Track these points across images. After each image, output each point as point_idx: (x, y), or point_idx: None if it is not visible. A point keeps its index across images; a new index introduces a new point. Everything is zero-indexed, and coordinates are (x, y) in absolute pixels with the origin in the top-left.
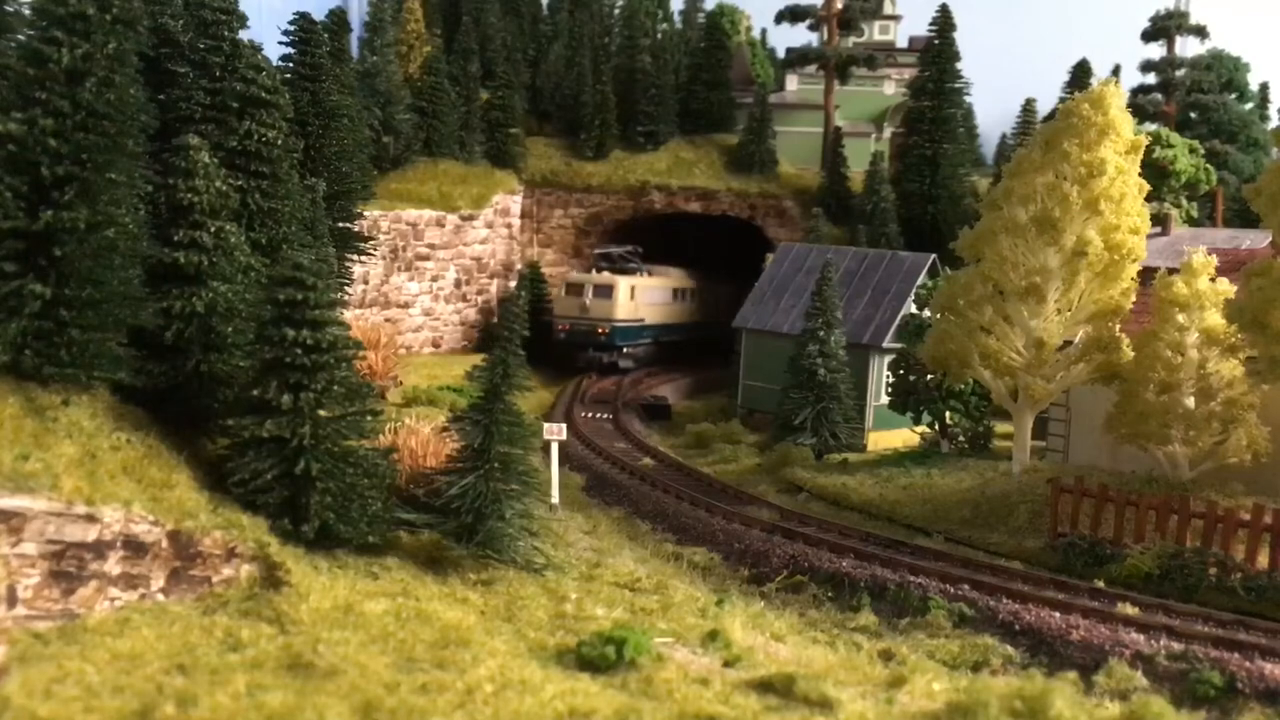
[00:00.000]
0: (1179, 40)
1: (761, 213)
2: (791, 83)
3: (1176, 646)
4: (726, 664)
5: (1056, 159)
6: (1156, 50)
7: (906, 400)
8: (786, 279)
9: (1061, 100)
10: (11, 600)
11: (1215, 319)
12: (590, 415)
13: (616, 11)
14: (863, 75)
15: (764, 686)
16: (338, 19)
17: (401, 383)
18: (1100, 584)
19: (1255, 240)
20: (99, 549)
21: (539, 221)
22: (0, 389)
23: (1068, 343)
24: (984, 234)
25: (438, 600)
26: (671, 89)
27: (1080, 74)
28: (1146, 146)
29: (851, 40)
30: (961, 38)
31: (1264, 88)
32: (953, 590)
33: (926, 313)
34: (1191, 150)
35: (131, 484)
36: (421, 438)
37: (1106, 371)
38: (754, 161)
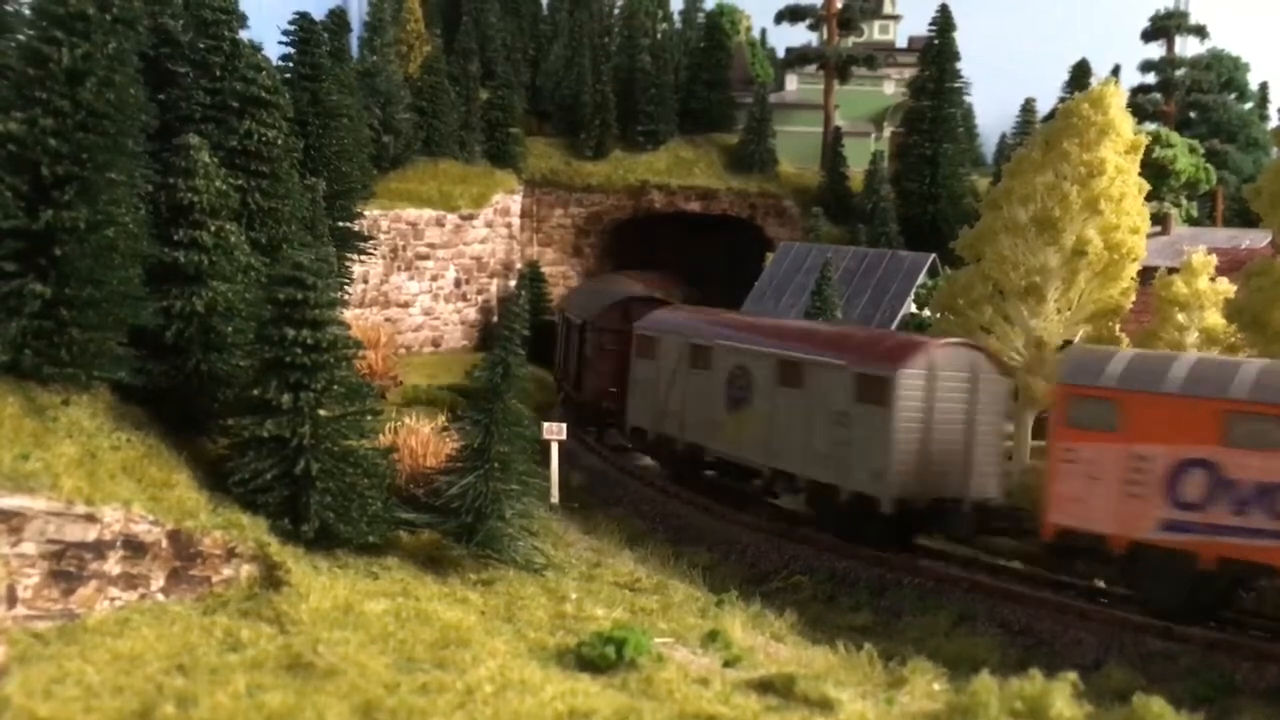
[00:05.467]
0: (1179, 40)
1: (761, 212)
2: (791, 82)
3: None
4: (726, 664)
5: (1056, 159)
6: (1156, 50)
7: None
8: (786, 278)
9: (1061, 100)
10: (11, 600)
11: (1215, 319)
12: None
13: (616, 11)
14: (862, 75)
15: (764, 686)
16: (338, 19)
17: (401, 383)
18: (1101, 584)
19: (1255, 240)
20: (99, 549)
21: (539, 221)
22: (0, 389)
23: (1068, 342)
24: (984, 233)
25: (438, 600)
26: (671, 89)
27: (1080, 74)
28: (1146, 146)
29: (851, 40)
30: (961, 38)
31: (1264, 87)
32: (953, 591)
33: (926, 312)
34: (1191, 150)
35: (131, 484)
36: (421, 438)
37: None
38: (754, 161)
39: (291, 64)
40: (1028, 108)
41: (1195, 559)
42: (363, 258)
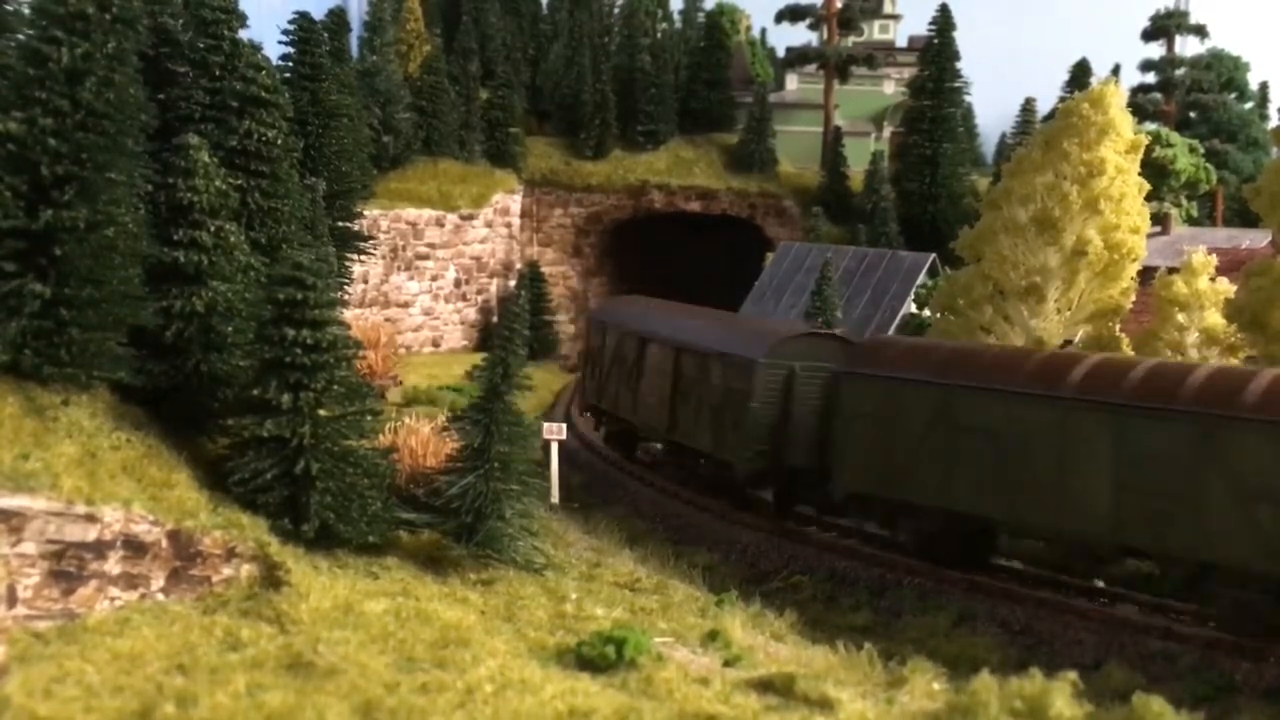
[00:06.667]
0: (1179, 40)
1: (761, 212)
2: (791, 82)
3: None
4: (726, 663)
5: (1056, 158)
6: (1156, 50)
7: None
8: (787, 278)
9: (1061, 100)
10: (11, 600)
11: (1215, 319)
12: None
13: (616, 11)
14: (862, 74)
15: (764, 686)
16: (337, 19)
17: (401, 382)
18: (1100, 583)
19: (1255, 240)
20: (99, 549)
21: (539, 221)
22: (0, 389)
23: (1068, 342)
24: (984, 233)
25: (438, 600)
26: (671, 89)
27: (1080, 74)
28: (1146, 146)
29: (851, 39)
30: (961, 37)
31: (1264, 87)
32: (952, 591)
33: (926, 312)
34: (1191, 150)
35: (131, 483)
36: (421, 437)
37: None
38: (754, 161)
39: (291, 64)
40: (1028, 108)
41: None
42: (363, 258)
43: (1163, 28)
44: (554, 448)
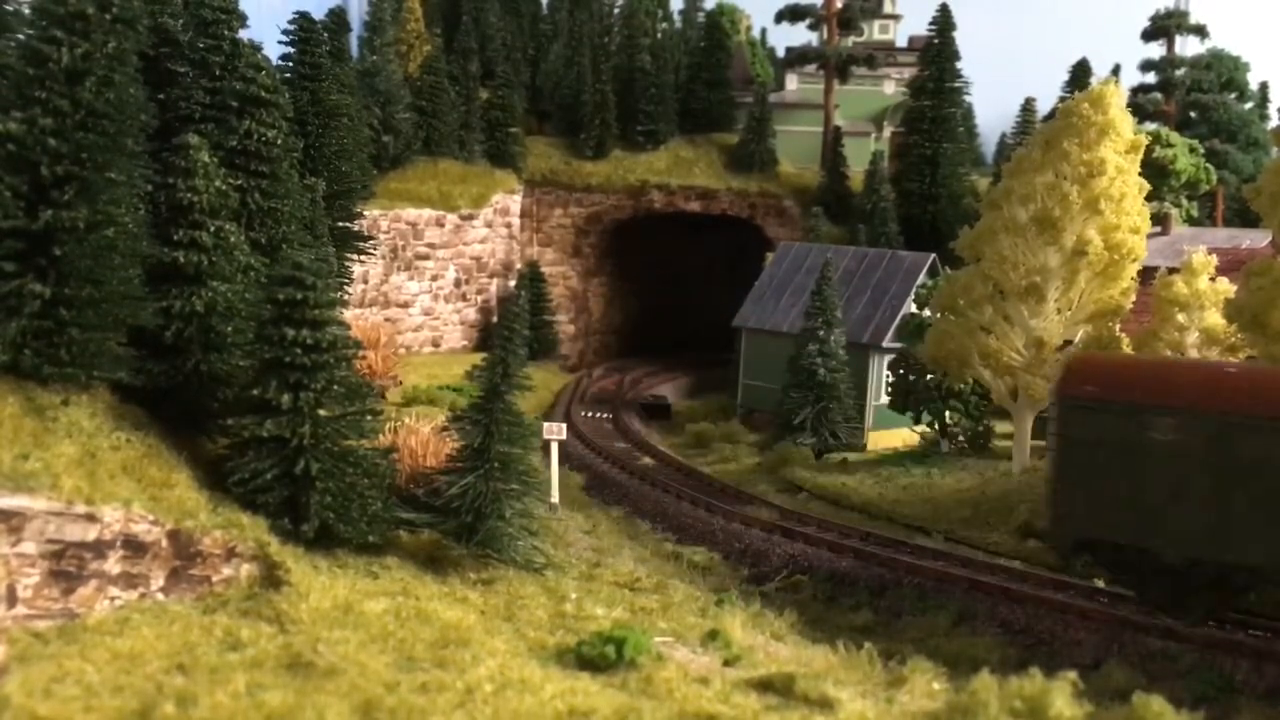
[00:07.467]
0: (1179, 40)
1: (761, 212)
2: (791, 82)
3: None
4: (726, 663)
5: (1056, 158)
6: (1156, 50)
7: (906, 400)
8: (786, 278)
9: (1061, 100)
10: (11, 599)
11: (1215, 318)
12: (590, 414)
13: (616, 11)
14: (862, 75)
15: (764, 686)
16: (337, 19)
17: (401, 382)
18: (1100, 583)
19: (1255, 240)
20: (99, 548)
21: (539, 221)
22: (0, 389)
23: (1068, 342)
24: (984, 233)
25: (437, 600)
26: (671, 89)
27: (1080, 74)
28: (1146, 146)
29: (851, 40)
30: (961, 37)
31: (1264, 87)
32: (953, 590)
33: (926, 312)
34: (1191, 150)
35: (131, 483)
36: (421, 437)
37: None
38: (754, 161)
39: (291, 64)
40: (1028, 108)
41: None
42: (363, 258)
43: (1163, 28)
44: (554, 448)
